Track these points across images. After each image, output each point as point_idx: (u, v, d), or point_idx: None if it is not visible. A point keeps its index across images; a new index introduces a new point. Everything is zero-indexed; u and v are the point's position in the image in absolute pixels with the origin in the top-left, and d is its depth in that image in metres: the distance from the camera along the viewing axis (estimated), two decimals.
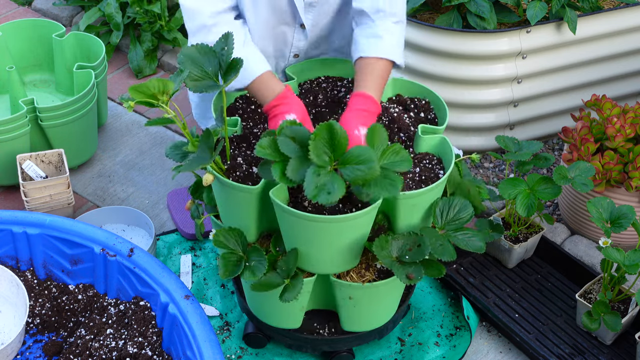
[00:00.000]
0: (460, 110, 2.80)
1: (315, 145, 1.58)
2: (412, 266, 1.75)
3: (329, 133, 1.60)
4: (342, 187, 1.57)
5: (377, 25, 1.97)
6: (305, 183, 1.56)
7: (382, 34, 1.95)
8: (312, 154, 1.57)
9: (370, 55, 1.93)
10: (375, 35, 1.95)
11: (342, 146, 1.61)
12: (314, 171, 1.58)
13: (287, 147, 1.63)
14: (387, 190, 1.62)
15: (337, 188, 1.57)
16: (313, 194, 1.56)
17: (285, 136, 1.64)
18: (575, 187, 2.17)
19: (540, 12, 2.65)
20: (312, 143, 1.58)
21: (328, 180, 1.58)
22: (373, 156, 1.59)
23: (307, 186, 1.56)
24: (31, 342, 2.06)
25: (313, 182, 1.57)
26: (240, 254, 1.85)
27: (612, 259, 2.00)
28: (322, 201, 1.56)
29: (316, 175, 1.57)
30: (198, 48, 1.74)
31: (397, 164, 1.66)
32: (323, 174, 1.58)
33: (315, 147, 1.58)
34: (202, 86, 1.73)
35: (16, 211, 2.23)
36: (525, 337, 2.15)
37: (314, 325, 2.06)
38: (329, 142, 1.60)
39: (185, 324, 1.93)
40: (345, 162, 1.61)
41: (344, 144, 1.61)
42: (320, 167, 1.59)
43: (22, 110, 2.52)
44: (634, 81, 3.00)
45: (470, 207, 1.88)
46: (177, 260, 2.43)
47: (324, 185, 1.57)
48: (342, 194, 1.57)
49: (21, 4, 3.69)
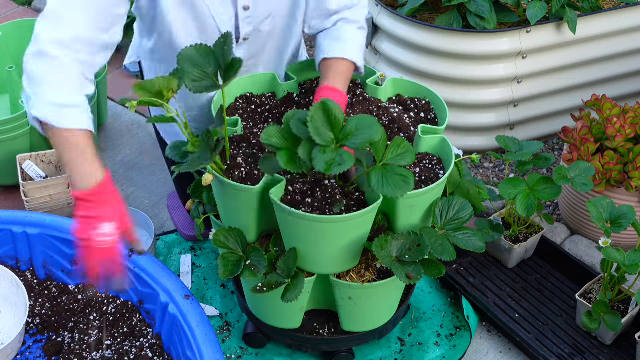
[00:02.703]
0: (460, 110, 2.80)
1: (314, 126, 1.60)
2: (412, 266, 1.75)
3: (324, 112, 1.63)
4: (351, 158, 1.60)
5: (340, 30, 2.00)
6: (314, 162, 1.60)
7: (346, 37, 1.98)
8: (314, 134, 1.60)
9: (335, 56, 1.95)
10: (339, 39, 1.98)
11: (339, 121, 1.64)
12: (320, 150, 1.61)
13: (299, 129, 1.65)
14: (400, 188, 1.62)
15: (345, 159, 1.60)
16: (325, 168, 1.59)
17: (298, 119, 1.66)
18: (575, 187, 2.17)
19: (540, 12, 2.65)
20: (310, 124, 1.60)
21: (336, 154, 1.61)
22: (372, 119, 1.63)
23: (317, 163, 1.59)
24: (31, 342, 2.06)
25: (322, 159, 1.60)
26: (240, 254, 1.85)
27: (612, 259, 2.00)
28: (336, 171, 1.59)
29: (322, 153, 1.60)
30: (197, 48, 1.74)
31: (400, 157, 1.67)
32: (329, 151, 1.61)
33: (314, 128, 1.60)
34: (202, 86, 1.73)
35: (16, 211, 2.23)
36: (525, 337, 2.15)
37: (314, 325, 2.06)
38: (326, 120, 1.63)
39: (185, 324, 1.93)
40: (347, 135, 1.63)
41: (340, 119, 1.64)
42: (324, 146, 1.61)
43: (22, 110, 2.52)
44: (634, 81, 3.00)
45: (470, 207, 1.88)
46: (177, 260, 2.43)
47: (333, 159, 1.60)
48: (352, 162, 1.59)
49: (21, 4, 3.69)
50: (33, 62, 1.69)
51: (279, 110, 2.05)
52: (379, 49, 2.91)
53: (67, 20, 1.70)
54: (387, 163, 1.66)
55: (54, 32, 1.69)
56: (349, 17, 2.01)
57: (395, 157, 1.67)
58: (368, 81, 2.06)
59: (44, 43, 1.68)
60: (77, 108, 1.71)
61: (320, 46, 1.99)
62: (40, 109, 1.68)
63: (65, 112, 1.69)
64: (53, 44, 1.68)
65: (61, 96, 1.69)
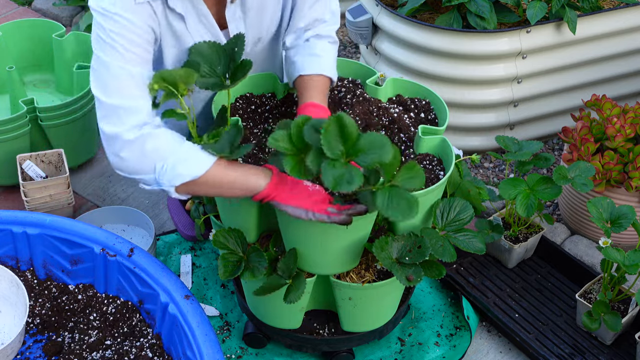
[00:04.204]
0: (460, 110, 2.80)
1: (326, 139, 1.58)
2: (412, 268, 1.75)
3: (339, 126, 1.60)
4: (360, 176, 1.57)
5: (314, 46, 2.01)
6: (322, 176, 1.57)
7: (320, 53, 1.99)
8: (325, 147, 1.57)
9: (312, 72, 1.95)
10: (313, 55, 1.99)
11: (353, 137, 1.61)
12: (329, 163, 1.58)
13: (311, 137, 1.62)
14: (404, 214, 1.59)
15: (355, 176, 1.57)
16: (333, 185, 1.56)
17: (311, 126, 1.64)
18: (575, 187, 2.17)
19: (540, 12, 2.65)
20: (323, 137, 1.57)
21: (345, 171, 1.58)
22: (384, 139, 1.59)
23: (326, 178, 1.56)
24: (31, 342, 2.06)
25: (330, 174, 1.57)
26: (240, 254, 1.85)
27: (612, 259, 2.00)
28: (344, 189, 1.56)
29: (332, 167, 1.58)
30: (209, 45, 1.75)
31: (410, 181, 1.64)
32: (338, 166, 1.58)
33: (327, 141, 1.58)
34: (209, 84, 1.74)
35: (16, 211, 2.23)
36: (525, 337, 2.15)
37: (314, 325, 2.06)
38: (339, 135, 1.60)
39: (185, 324, 1.93)
40: (358, 151, 1.61)
41: (354, 135, 1.61)
42: (334, 159, 1.59)
43: (22, 110, 2.52)
44: (634, 81, 3.00)
45: (471, 209, 1.88)
46: (177, 260, 2.43)
47: (342, 175, 1.57)
48: (361, 181, 1.57)
49: (21, 4, 3.69)
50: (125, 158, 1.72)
51: (279, 110, 2.05)
52: (379, 49, 2.91)
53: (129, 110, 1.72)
54: (395, 184, 1.62)
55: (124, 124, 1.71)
56: (321, 32, 2.03)
57: (405, 180, 1.63)
58: (368, 81, 2.06)
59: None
60: (194, 149, 1.74)
61: (294, 63, 2.00)
62: (174, 179, 1.72)
63: (193, 159, 1.72)
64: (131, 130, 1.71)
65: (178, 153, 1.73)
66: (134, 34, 1.73)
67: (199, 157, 1.72)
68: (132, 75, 1.71)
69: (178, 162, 1.70)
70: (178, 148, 1.72)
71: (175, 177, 1.71)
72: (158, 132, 1.72)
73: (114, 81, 1.71)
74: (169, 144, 1.72)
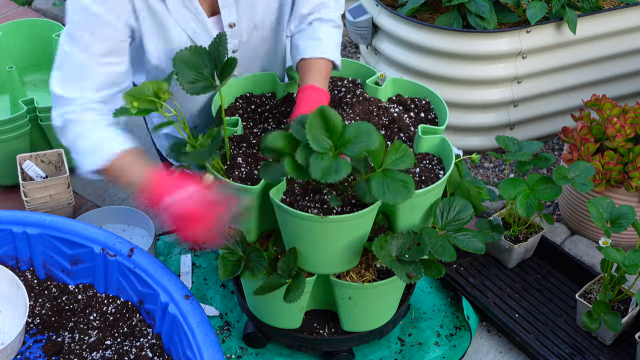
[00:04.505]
0: (460, 110, 2.80)
1: (312, 133, 1.58)
2: (412, 265, 1.75)
3: (323, 118, 1.61)
4: (348, 165, 1.58)
5: (316, 30, 2.02)
6: (310, 168, 1.58)
7: (322, 36, 2.00)
8: (311, 142, 1.58)
9: (314, 56, 1.96)
10: (315, 38, 2.00)
11: (338, 129, 1.62)
12: (317, 157, 1.59)
13: (300, 133, 1.62)
14: (401, 194, 1.60)
15: (342, 167, 1.58)
16: (321, 176, 1.57)
17: (299, 124, 1.64)
18: (575, 187, 2.17)
19: (540, 12, 2.65)
20: (308, 132, 1.58)
21: (333, 162, 1.59)
22: (369, 126, 1.61)
23: (314, 170, 1.57)
24: (31, 342, 2.06)
25: (318, 166, 1.58)
26: (240, 254, 1.85)
27: (612, 259, 2.00)
28: (332, 180, 1.57)
29: (320, 160, 1.58)
30: (192, 50, 1.75)
31: (399, 161, 1.66)
32: (326, 159, 1.59)
33: (312, 135, 1.58)
34: (198, 88, 1.74)
35: (16, 211, 2.23)
36: (525, 337, 2.15)
37: (314, 325, 2.06)
38: (324, 128, 1.61)
39: (185, 324, 1.93)
40: (346, 142, 1.61)
41: (339, 127, 1.62)
42: (322, 153, 1.59)
43: (22, 110, 2.52)
44: (634, 81, 3.00)
45: (471, 208, 1.88)
46: (177, 260, 2.43)
47: (329, 167, 1.58)
48: (348, 170, 1.58)
49: (21, 4, 3.69)
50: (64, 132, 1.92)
51: (279, 110, 2.05)
52: (379, 49, 2.91)
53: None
54: (386, 168, 1.64)
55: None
56: (323, 16, 2.04)
57: (394, 162, 1.65)
58: (368, 81, 2.06)
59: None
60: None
61: (298, 47, 2.01)
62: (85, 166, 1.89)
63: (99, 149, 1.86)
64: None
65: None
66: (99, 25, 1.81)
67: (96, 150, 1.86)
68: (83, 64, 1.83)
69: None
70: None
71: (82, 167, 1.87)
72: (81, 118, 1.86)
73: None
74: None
